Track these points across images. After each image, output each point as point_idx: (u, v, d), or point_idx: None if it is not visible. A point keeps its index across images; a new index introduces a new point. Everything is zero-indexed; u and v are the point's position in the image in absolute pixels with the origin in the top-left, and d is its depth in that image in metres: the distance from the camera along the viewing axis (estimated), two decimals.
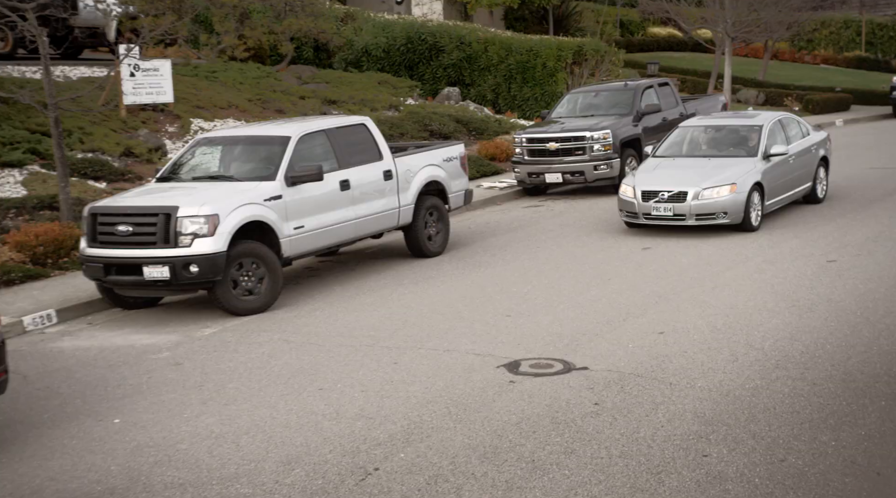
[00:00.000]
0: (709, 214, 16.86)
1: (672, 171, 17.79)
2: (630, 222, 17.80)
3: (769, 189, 17.59)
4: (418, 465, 8.95)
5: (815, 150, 19.52)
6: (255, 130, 16.59)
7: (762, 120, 18.66)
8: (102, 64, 26.87)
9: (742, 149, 18.10)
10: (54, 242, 15.73)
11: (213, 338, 13.08)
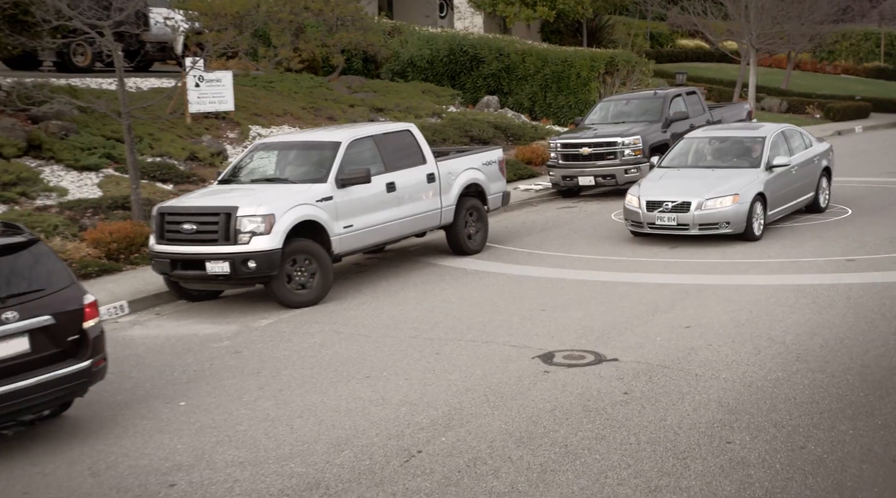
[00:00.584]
0: (712, 224, 16.23)
1: (676, 182, 17.14)
2: (635, 231, 17.17)
3: (772, 199, 16.95)
4: (458, 448, 8.96)
5: (818, 160, 18.79)
6: (309, 136, 16.66)
7: (765, 132, 18.01)
8: (170, 75, 27.11)
9: (745, 160, 17.41)
10: (126, 239, 15.88)
11: (269, 328, 13.15)
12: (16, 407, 8.76)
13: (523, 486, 8.17)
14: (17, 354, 8.80)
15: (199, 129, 22.59)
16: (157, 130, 21.30)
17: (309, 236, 14.05)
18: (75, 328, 9.26)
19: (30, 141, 19.19)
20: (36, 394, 8.86)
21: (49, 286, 9.20)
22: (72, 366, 9.15)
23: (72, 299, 9.30)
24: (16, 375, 8.74)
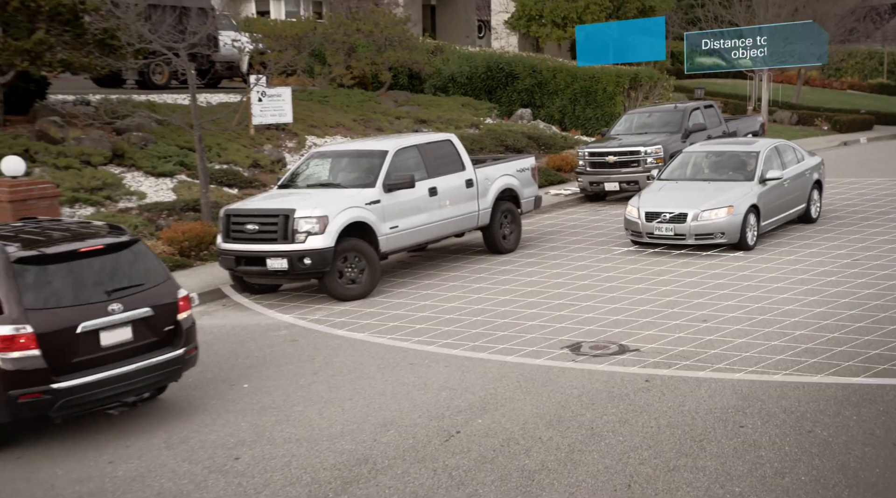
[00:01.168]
0: (707, 234, 15.56)
1: (674, 194, 16.40)
2: (635, 241, 16.46)
3: (765, 211, 16.20)
4: (493, 429, 8.95)
5: (810, 174, 17.97)
6: (359, 145, 16.70)
7: (759, 146, 17.28)
8: (236, 91, 27.29)
9: (740, 173, 16.67)
10: (197, 238, 16.01)
11: (322, 319, 13.19)
12: (121, 389, 8.89)
13: (552, 464, 8.15)
14: (122, 342, 8.94)
15: (262, 139, 22.73)
16: (225, 141, 21.46)
17: (359, 236, 14.08)
18: (171, 319, 9.39)
19: (114, 150, 19.42)
20: (137, 378, 8.99)
21: (148, 281, 9.32)
22: (168, 353, 9.27)
23: (167, 293, 9.42)
24: (120, 361, 8.89)
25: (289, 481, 8.07)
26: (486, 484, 7.86)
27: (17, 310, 8.35)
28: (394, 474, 8.10)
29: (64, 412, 8.64)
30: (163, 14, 21.24)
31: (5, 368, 8.27)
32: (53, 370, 8.44)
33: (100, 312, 8.77)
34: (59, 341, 8.51)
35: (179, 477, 8.27)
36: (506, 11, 42.66)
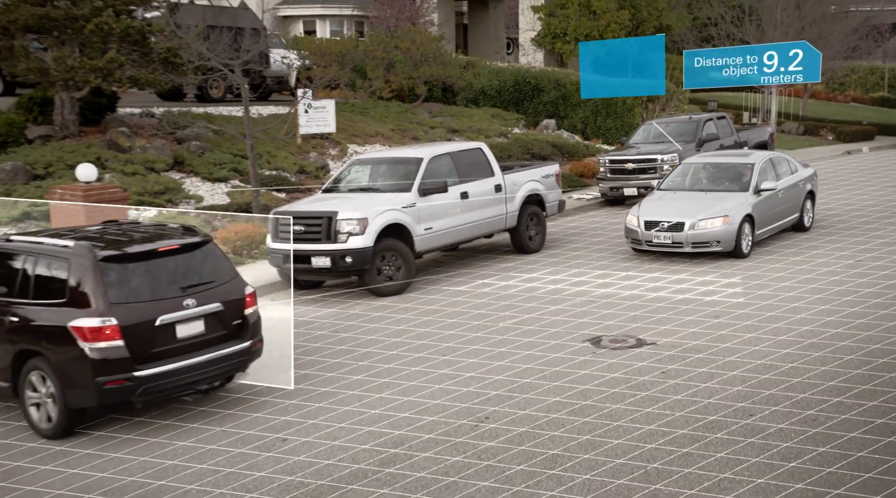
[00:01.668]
0: (703, 243, 14.87)
1: (672, 203, 15.67)
2: (635, 248, 15.77)
3: (759, 220, 15.56)
4: (520, 416, 8.95)
5: (803, 185, 17.22)
6: (396, 153, 16.71)
7: (755, 159, 16.56)
8: (285, 104, 27.44)
9: (736, 184, 15.92)
10: (248, 238, 16.10)
11: (361, 313, 13.22)
12: (194, 378, 8.96)
13: (574, 448, 8.14)
14: (195, 335, 9.02)
15: (307, 147, 22.81)
16: (274, 149, 21.56)
17: (396, 236, 14.09)
18: (239, 314, 9.44)
19: (175, 158, 19.58)
20: (209, 367, 9.05)
21: (218, 279, 9.38)
22: (236, 345, 9.32)
23: (236, 290, 9.48)
24: (194, 352, 8.97)
25: (331, 461, 8.12)
26: (512, 465, 7.86)
27: (104, 304, 8.47)
28: (428, 456, 8.12)
29: (144, 398, 8.74)
30: (220, 34, 21.44)
31: (93, 357, 8.38)
32: (135, 359, 8.54)
33: (176, 307, 8.85)
34: (140, 333, 8.60)
35: (233, 457, 8.35)
36: (532, 30, 42.55)
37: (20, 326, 8.83)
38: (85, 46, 18.73)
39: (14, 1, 18.08)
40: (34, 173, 17.50)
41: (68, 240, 9.11)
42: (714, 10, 37.97)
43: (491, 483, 7.56)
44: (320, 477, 7.82)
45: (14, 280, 9.09)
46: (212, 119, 22.80)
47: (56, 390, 8.60)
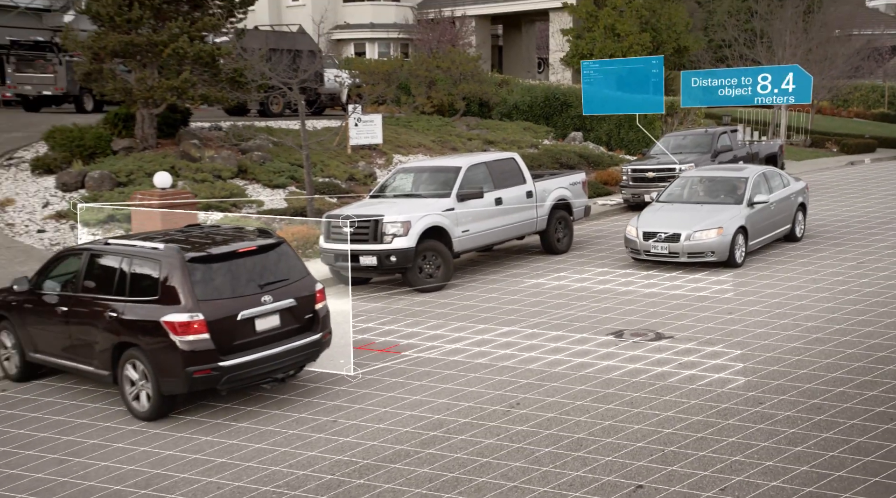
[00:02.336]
0: (699, 253, 14.21)
1: (670, 215, 14.99)
2: (634, 257, 15.06)
3: (752, 231, 14.83)
4: (548, 402, 8.90)
5: (795, 197, 16.43)
6: (437, 162, 16.70)
7: (749, 173, 15.80)
8: (337, 118, 27.60)
9: (731, 197, 15.22)
10: (303, 239, 16.18)
11: (404, 308, 13.23)
12: (271, 367, 8.92)
13: (598, 432, 8.08)
14: (272, 328, 8.98)
15: (356, 157, 22.91)
16: (327, 158, 21.69)
17: (436, 238, 14.09)
18: (310, 309, 9.39)
19: (239, 166, 19.78)
20: (284, 358, 9.00)
21: (291, 277, 9.33)
22: (308, 337, 9.27)
23: (307, 287, 9.42)
24: (271, 344, 8.92)
25: (377, 441, 8.13)
26: (541, 447, 7.82)
27: (191, 301, 8.50)
28: (464, 438, 8.11)
29: (228, 386, 8.76)
30: (280, 56, 21.66)
31: (183, 349, 8.41)
32: (220, 351, 8.55)
33: (254, 303, 8.83)
34: (224, 327, 8.61)
35: (289, 437, 8.40)
36: (561, 51, 42.35)
37: (118, 320, 8.88)
38: (163, 68, 19.02)
39: (104, 30, 18.43)
40: (118, 181, 17.79)
41: (158, 243, 9.18)
42: (728, 32, 37.56)
43: (521, 463, 7.53)
44: (366, 456, 7.84)
45: (112, 279, 9.14)
46: (272, 132, 23.00)
47: (150, 378, 8.66)
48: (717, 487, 6.97)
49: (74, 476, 7.77)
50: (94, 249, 9.61)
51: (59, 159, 18.68)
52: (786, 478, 7.06)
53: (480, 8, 45.12)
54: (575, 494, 6.94)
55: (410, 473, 7.45)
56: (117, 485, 7.54)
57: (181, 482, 7.53)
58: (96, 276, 9.36)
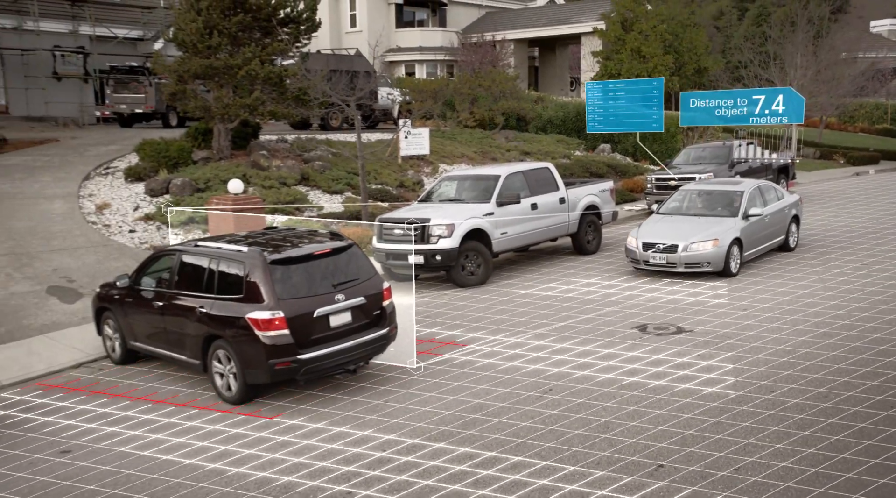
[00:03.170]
0: (695, 263, 13.56)
1: (668, 227, 14.33)
2: (635, 266, 14.43)
3: (747, 242, 14.16)
4: (578, 389, 8.85)
5: (788, 210, 15.63)
6: (478, 171, 16.68)
7: (744, 187, 15.06)
8: (389, 131, 27.74)
9: (727, 210, 14.54)
10: (358, 239, 16.27)
11: (449, 302, 13.25)
12: (344, 359, 8.82)
13: (623, 416, 8.02)
14: (344, 324, 8.88)
15: (406, 166, 23.01)
16: (379, 167, 21.83)
17: (477, 239, 14.09)
18: (378, 306, 9.25)
19: (302, 174, 19.99)
20: (355, 351, 8.89)
21: (360, 276, 9.20)
22: (376, 332, 9.13)
23: (375, 285, 9.28)
24: (343, 338, 8.83)
25: (423, 422, 8.17)
26: (571, 429, 7.79)
27: (273, 300, 8.43)
28: (501, 421, 8.11)
29: (306, 377, 8.67)
30: (339, 76, 21.84)
31: (266, 343, 8.34)
32: (298, 345, 8.47)
33: (329, 301, 8.74)
34: (302, 323, 8.51)
35: (345, 417, 8.47)
36: (592, 71, 42.00)
37: (207, 315, 8.86)
38: (237, 88, 19.33)
39: (187, 55, 18.82)
40: (197, 187, 18.10)
41: (243, 245, 9.11)
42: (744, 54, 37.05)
43: (553, 444, 7.51)
44: (413, 435, 7.88)
45: (201, 277, 9.15)
46: (331, 144, 23.22)
47: (236, 368, 8.65)
48: (732, 466, 6.89)
49: (178, 453, 7.94)
50: (185, 250, 9.61)
51: (147, 168, 19.09)
52: (794, 459, 6.95)
53: (519, 33, 44.99)
54: (602, 472, 6.91)
55: (453, 452, 7.47)
56: (212, 463, 7.68)
57: (249, 457, 7.66)
58: (187, 274, 9.36)
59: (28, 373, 10.12)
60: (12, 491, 7.17)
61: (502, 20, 46.61)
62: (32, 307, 12.01)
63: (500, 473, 6.98)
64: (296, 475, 7.14)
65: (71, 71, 31.09)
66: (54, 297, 12.42)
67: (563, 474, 6.91)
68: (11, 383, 9.88)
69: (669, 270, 13.84)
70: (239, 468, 7.33)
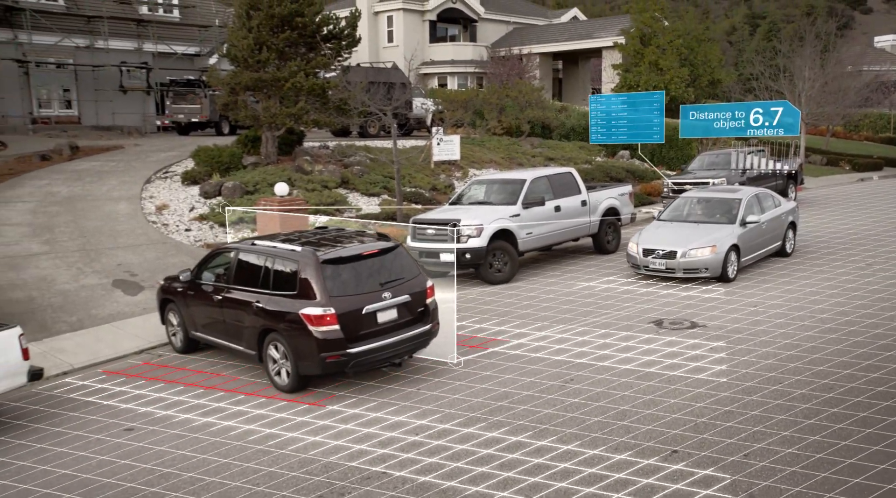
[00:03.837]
0: (693, 269, 13.01)
1: (668, 233, 13.78)
2: (636, 272, 13.93)
3: (744, 248, 13.61)
4: (598, 379, 8.82)
5: (785, 217, 15.00)
6: (505, 175, 16.65)
7: (742, 194, 14.47)
8: (422, 138, 27.80)
9: (725, 217, 13.93)
10: (393, 239, 16.29)
11: (478, 297, 13.25)
12: (390, 353, 8.72)
13: (640, 405, 7.97)
14: (390, 320, 8.77)
15: (438, 170, 23.03)
16: (414, 172, 21.87)
17: (504, 239, 14.06)
18: (422, 303, 9.12)
19: (342, 178, 20.11)
20: (401, 346, 8.78)
21: (406, 276, 9.07)
22: (420, 328, 9.00)
23: (419, 284, 9.14)
24: (390, 333, 8.72)
25: (453, 409, 8.19)
26: (591, 416, 7.76)
27: (325, 297, 8.36)
28: (526, 408, 8.10)
29: (354, 369, 8.57)
30: (377, 88, 21.98)
31: (318, 338, 8.29)
32: (348, 339, 8.39)
33: (376, 299, 8.62)
34: (352, 319, 8.43)
35: (381, 404, 8.52)
36: (612, 82, 41.65)
37: (263, 309, 8.81)
38: (283, 99, 19.53)
39: (239, 69, 19.09)
40: (246, 189, 18.32)
41: (296, 245, 9.04)
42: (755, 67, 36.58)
43: (574, 430, 7.49)
44: (444, 421, 7.91)
45: (257, 274, 9.10)
46: (369, 150, 23.32)
47: (290, 359, 8.60)
48: (742, 452, 6.81)
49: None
50: (243, 248, 9.56)
51: (202, 172, 19.37)
52: (800, 446, 6.87)
53: (544, 47, 44.80)
54: (620, 456, 6.88)
55: (480, 437, 7.49)
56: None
57: (292, 440, 7.75)
58: (244, 270, 9.32)
59: (96, 358, 10.35)
60: (77, 469, 7.34)
61: (529, 35, 46.45)
62: (100, 298, 12.27)
63: (523, 457, 6.98)
64: (335, 457, 7.21)
65: (135, 84, 31.72)
66: (119, 289, 12.68)
67: (584, 458, 6.89)
68: (83, 367, 10.10)
69: (669, 276, 13.36)
70: (283, 450, 7.42)
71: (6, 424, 8.40)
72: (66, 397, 9.13)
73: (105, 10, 30.29)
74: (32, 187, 18.10)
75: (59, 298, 12.03)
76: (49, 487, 6.90)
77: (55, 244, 14.32)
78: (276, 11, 18.54)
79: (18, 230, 14.86)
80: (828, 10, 79.49)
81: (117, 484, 6.90)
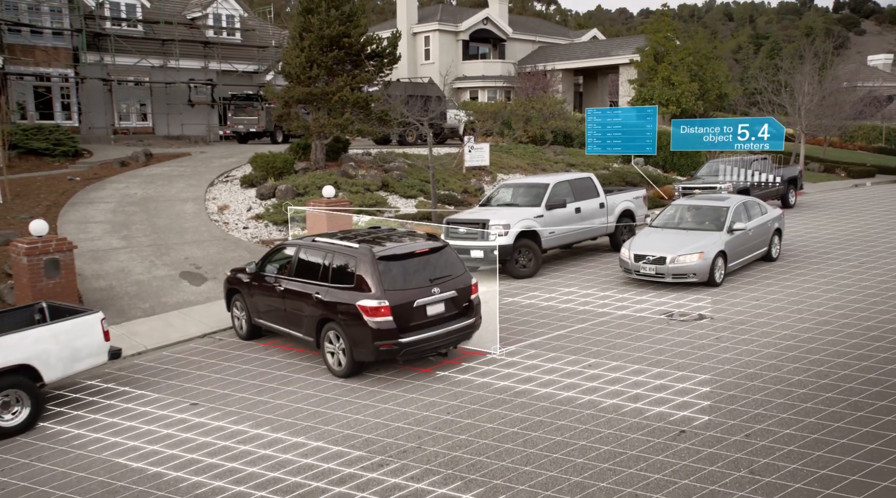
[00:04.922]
0: (682, 274, 12.40)
1: (659, 239, 13.12)
2: (628, 276, 13.51)
3: (731, 254, 12.96)
4: (612, 365, 8.76)
5: (771, 224, 14.32)
6: (530, 180, 16.56)
7: (730, 202, 13.87)
8: (455, 146, 27.80)
9: (713, 224, 13.35)
10: None
11: (504, 291, 13.22)
12: (437, 344, 8.65)
13: (650, 389, 7.92)
14: (438, 314, 8.72)
15: (469, 175, 23.00)
16: (447, 176, 21.87)
17: (529, 237, 14.00)
18: (466, 298, 9.02)
19: (383, 182, 20.18)
20: (447, 337, 8.71)
21: (452, 273, 8.97)
22: (464, 321, 8.90)
23: (465, 281, 9.03)
24: (437, 325, 8.67)
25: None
26: (605, 399, 7.71)
27: (380, 290, 8.32)
28: (547, 391, 8.07)
29: (405, 357, 8.51)
30: (415, 100, 22.00)
31: (372, 328, 8.26)
32: (399, 330, 8.35)
33: (426, 293, 8.57)
34: (403, 312, 8.38)
35: (413, 386, 8.56)
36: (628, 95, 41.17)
37: (322, 301, 8.79)
38: (331, 111, 19.71)
39: (292, 85, 19.33)
40: (297, 192, 18.52)
41: (354, 242, 9.00)
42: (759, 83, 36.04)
43: (589, 412, 7.45)
44: (474, 402, 7.93)
45: (318, 268, 9.08)
46: (407, 156, 23.39)
47: (346, 347, 8.59)
48: (744, 432, 6.74)
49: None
50: (304, 244, 9.53)
51: (258, 177, 19.64)
52: (797, 427, 6.79)
53: (566, 63, 44.50)
54: (632, 435, 6.85)
55: (506, 416, 7.50)
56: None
57: (336, 418, 7.83)
58: (305, 264, 9.28)
59: (166, 340, 10.60)
60: (146, 440, 7.53)
61: (552, 53, 46.21)
62: (169, 288, 12.55)
63: (545, 435, 6.98)
64: (375, 433, 7.27)
65: (201, 99, 32.34)
66: (185, 280, 12.94)
67: (600, 436, 6.88)
68: (155, 348, 10.35)
69: (658, 280, 12.69)
70: (328, 426, 7.49)
71: (80, 401, 8.65)
72: (134, 377, 9.36)
73: (177, 34, 31.03)
74: (113, 190, 18.56)
75: (135, 287, 12.34)
76: (120, 457, 7.09)
77: (131, 239, 14.68)
78: (325, 33, 18.73)
79: (101, 227, 15.26)
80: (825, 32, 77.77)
81: (180, 455, 7.08)
